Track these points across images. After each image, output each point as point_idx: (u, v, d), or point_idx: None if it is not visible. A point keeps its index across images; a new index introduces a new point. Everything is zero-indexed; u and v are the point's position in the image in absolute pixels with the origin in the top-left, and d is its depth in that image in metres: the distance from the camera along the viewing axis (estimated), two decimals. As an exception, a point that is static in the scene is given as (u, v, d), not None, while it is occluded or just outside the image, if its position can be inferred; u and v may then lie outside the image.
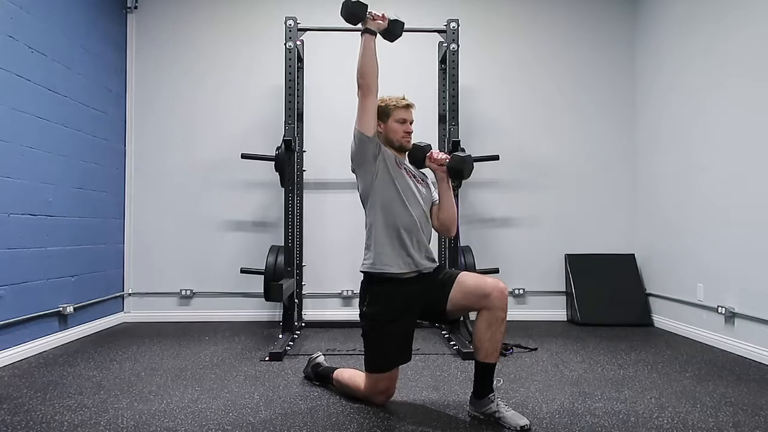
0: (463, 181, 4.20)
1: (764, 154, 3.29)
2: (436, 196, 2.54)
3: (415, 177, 2.47)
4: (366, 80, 2.33)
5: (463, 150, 4.01)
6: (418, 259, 2.37)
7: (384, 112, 2.44)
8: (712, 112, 3.79)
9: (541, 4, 4.86)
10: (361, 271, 2.43)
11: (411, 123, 2.48)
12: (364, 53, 2.33)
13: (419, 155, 2.47)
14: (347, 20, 2.38)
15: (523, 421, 2.14)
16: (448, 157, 2.43)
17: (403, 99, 2.46)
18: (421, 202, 2.43)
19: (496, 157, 4.22)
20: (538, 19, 4.86)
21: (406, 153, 2.51)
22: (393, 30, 2.45)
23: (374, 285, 2.38)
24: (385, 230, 2.36)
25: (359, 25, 2.38)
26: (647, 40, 4.66)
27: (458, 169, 2.40)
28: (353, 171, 2.46)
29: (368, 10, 2.35)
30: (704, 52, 3.89)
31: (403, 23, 2.48)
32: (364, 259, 2.42)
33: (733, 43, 3.60)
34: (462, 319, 3.85)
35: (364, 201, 2.44)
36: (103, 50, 4.35)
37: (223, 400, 2.50)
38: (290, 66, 3.95)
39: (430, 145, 2.50)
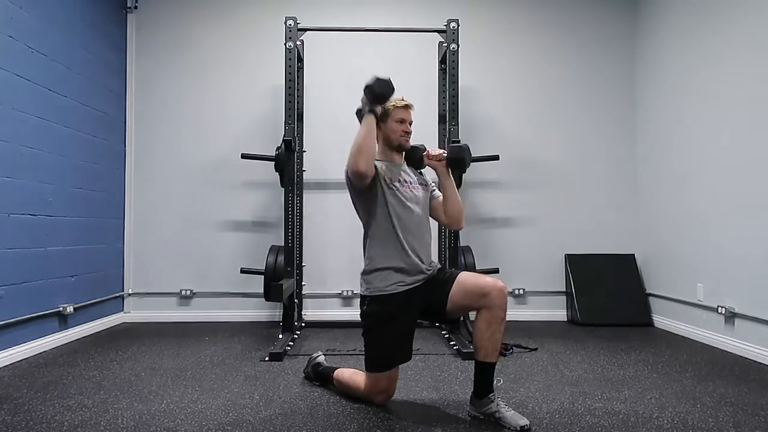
0: (464, 182, 4.23)
1: (765, 156, 3.30)
2: (437, 193, 2.56)
3: (410, 183, 2.47)
4: (369, 166, 2.24)
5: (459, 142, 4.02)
6: (420, 275, 2.38)
7: (383, 113, 2.44)
8: (714, 113, 3.79)
9: (542, 5, 4.86)
10: (362, 295, 2.43)
11: (410, 123, 2.49)
12: (368, 136, 2.25)
13: (416, 156, 2.48)
14: (375, 100, 2.28)
15: (523, 421, 2.14)
16: (445, 151, 2.48)
17: (402, 99, 2.47)
18: (419, 211, 2.43)
19: (496, 157, 4.22)
20: (539, 19, 4.86)
21: (404, 155, 2.52)
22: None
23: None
24: (383, 258, 2.37)
25: (365, 107, 2.30)
26: (648, 41, 4.66)
27: (459, 158, 2.45)
28: (348, 189, 2.46)
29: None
30: (706, 54, 3.89)
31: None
32: (365, 284, 2.41)
33: (735, 45, 3.60)
34: (462, 319, 3.85)
35: (362, 221, 2.46)
36: (103, 50, 4.35)
37: (223, 400, 2.50)
38: (290, 66, 3.95)
39: (424, 145, 2.52)
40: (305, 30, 4.08)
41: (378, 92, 2.28)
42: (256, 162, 4.31)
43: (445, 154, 2.46)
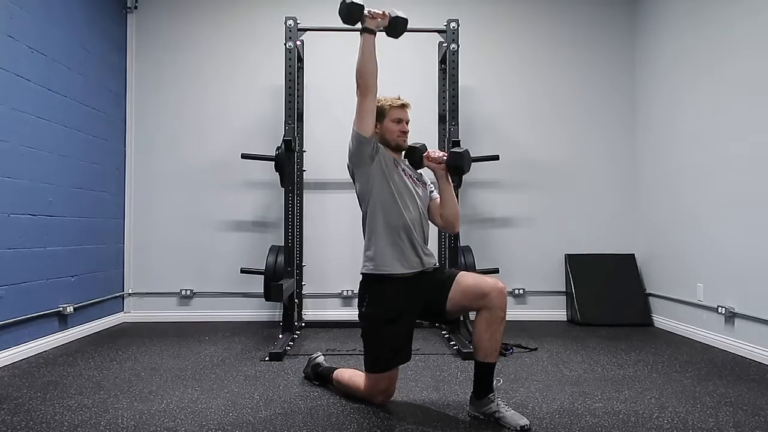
0: (464, 182, 4.23)
1: (764, 156, 3.30)
2: (435, 194, 2.55)
3: (411, 177, 2.49)
4: (365, 80, 2.31)
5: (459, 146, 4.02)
6: (418, 258, 2.39)
7: (380, 113, 2.44)
8: (714, 113, 3.79)
9: (541, 5, 4.86)
10: (362, 273, 2.43)
11: (407, 122, 2.49)
12: (363, 52, 2.31)
13: (416, 156, 2.48)
14: (344, 21, 2.34)
15: (523, 421, 2.14)
16: (445, 154, 2.47)
17: (398, 99, 2.48)
18: (419, 202, 2.45)
19: (496, 157, 4.22)
20: (538, 19, 4.86)
21: (403, 154, 2.52)
22: (395, 27, 2.40)
23: (374, 285, 2.39)
24: (383, 232, 2.36)
25: (358, 25, 2.35)
26: (647, 41, 4.66)
27: (458, 165, 2.44)
28: (350, 171, 2.46)
29: (366, 9, 2.31)
30: (706, 52, 3.89)
31: (406, 20, 2.40)
32: (365, 262, 2.42)
33: (734, 46, 3.60)
34: (462, 319, 3.85)
35: (362, 201, 2.45)
36: (103, 50, 4.35)
37: (223, 400, 2.50)
38: (290, 66, 3.95)
39: (425, 144, 2.52)
40: (305, 30, 4.08)
41: (344, 19, 2.31)
42: (256, 162, 4.31)
43: (445, 158, 2.46)
